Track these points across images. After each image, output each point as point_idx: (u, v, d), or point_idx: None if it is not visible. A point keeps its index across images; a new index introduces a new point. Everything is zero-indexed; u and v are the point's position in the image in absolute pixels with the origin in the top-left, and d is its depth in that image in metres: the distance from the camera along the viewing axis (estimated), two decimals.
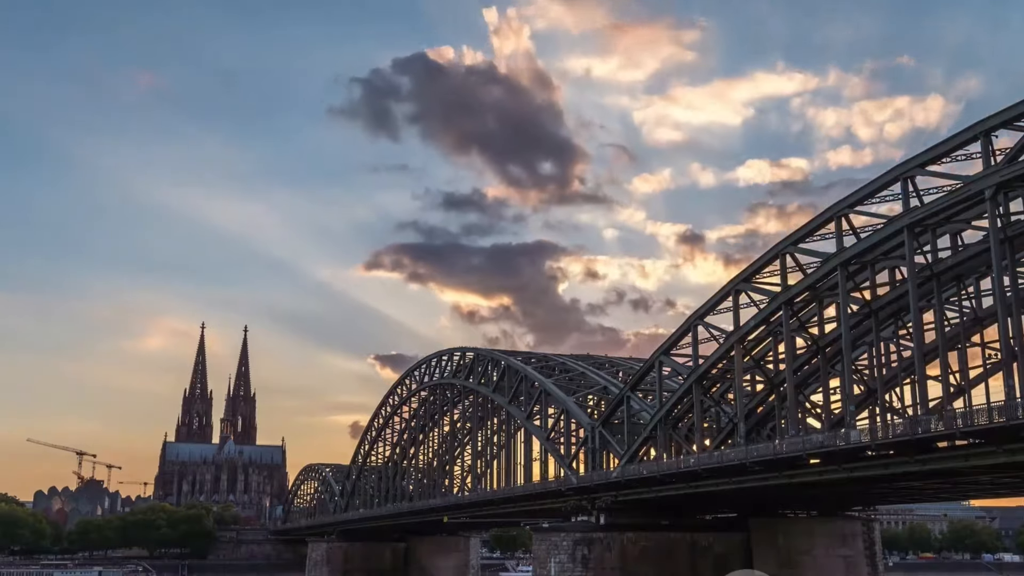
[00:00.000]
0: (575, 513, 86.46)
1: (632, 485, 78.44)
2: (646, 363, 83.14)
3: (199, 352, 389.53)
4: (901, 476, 59.79)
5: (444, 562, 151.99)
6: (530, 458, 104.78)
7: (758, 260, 67.86)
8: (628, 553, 79.87)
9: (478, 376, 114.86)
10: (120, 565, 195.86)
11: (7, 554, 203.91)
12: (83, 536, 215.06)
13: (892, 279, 62.37)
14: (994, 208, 49.86)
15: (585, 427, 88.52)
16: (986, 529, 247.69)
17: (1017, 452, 48.71)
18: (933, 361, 58.61)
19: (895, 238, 56.94)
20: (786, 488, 68.23)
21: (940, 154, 54.48)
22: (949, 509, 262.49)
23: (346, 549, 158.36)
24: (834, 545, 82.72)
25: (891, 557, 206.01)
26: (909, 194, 55.99)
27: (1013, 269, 51.96)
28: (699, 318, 74.58)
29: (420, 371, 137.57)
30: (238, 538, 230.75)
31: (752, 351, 70.17)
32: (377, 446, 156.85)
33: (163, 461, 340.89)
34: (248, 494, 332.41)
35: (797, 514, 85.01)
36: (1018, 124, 50.15)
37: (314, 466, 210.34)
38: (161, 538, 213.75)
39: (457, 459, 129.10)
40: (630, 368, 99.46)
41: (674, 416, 77.37)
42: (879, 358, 64.21)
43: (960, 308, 61.70)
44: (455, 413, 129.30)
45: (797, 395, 65.89)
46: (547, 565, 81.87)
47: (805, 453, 60.12)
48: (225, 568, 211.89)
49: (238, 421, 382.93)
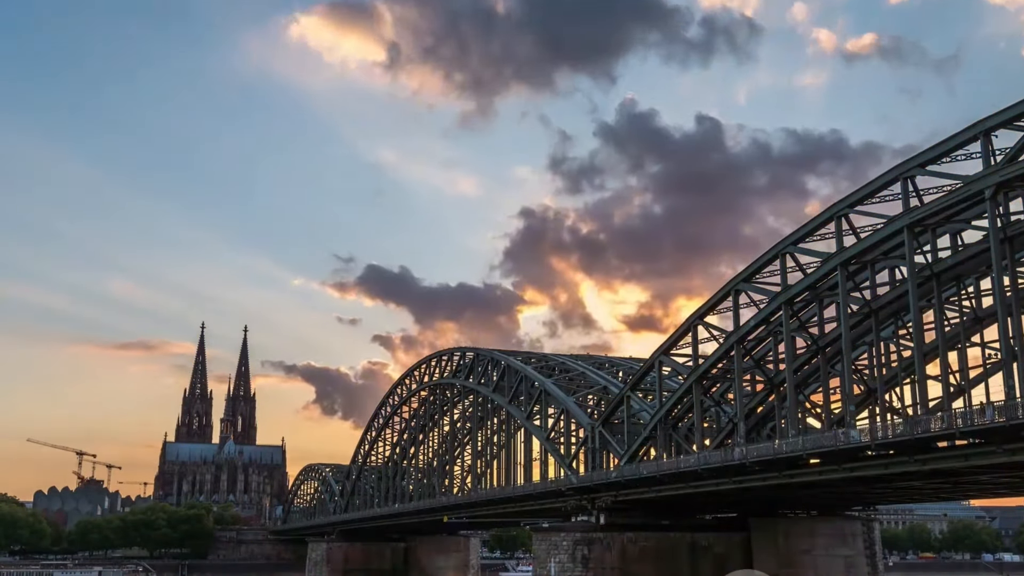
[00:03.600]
0: (575, 513, 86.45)
1: (632, 485, 78.42)
2: (646, 363, 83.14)
3: (199, 352, 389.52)
4: (901, 476, 59.79)
5: (444, 562, 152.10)
6: (530, 458, 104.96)
7: (758, 260, 67.83)
8: (628, 553, 79.92)
9: (478, 376, 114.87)
10: (120, 565, 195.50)
11: (7, 554, 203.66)
12: (83, 536, 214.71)
13: (892, 279, 62.35)
14: (994, 208, 49.90)
15: (585, 427, 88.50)
16: (986, 529, 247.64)
17: (1017, 452, 48.72)
18: (933, 361, 58.64)
19: (895, 238, 56.99)
20: (786, 488, 68.23)
21: (940, 154, 54.47)
22: (949, 509, 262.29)
23: (346, 549, 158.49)
24: (834, 545, 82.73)
25: (891, 557, 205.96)
26: (909, 194, 56.04)
27: (1013, 269, 51.98)
28: (699, 318, 74.60)
29: (420, 371, 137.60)
30: (238, 538, 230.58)
31: (752, 351, 70.14)
32: (377, 446, 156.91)
33: (163, 461, 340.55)
34: (248, 494, 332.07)
35: (797, 514, 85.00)
36: (1018, 124, 50.17)
37: (314, 466, 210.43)
38: (161, 538, 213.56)
39: (457, 459, 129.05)
40: (630, 368, 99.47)
41: (674, 416, 77.39)
42: (879, 358, 64.20)
43: (960, 308, 61.63)
44: (455, 413, 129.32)
45: (797, 395, 65.87)
46: (547, 565, 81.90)
47: (805, 453, 60.14)
48: (225, 568, 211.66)
49: (238, 421, 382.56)
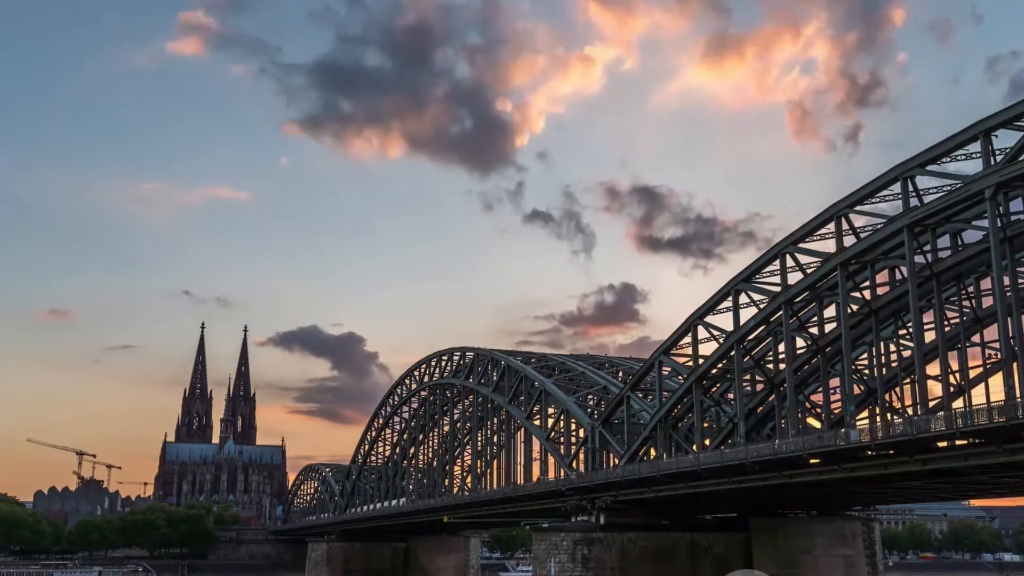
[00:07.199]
0: (575, 513, 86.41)
1: (632, 485, 78.40)
2: (646, 363, 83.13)
3: (199, 352, 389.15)
4: (901, 476, 59.78)
5: (444, 562, 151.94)
6: (530, 458, 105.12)
7: (758, 260, 67.82)
8: (628, 553, 79.90)
9: (478, 376, 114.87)
10: (120, 565, 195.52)
11: (7, 554, 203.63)
12: (83, 536, 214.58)
13: (892, 279, 62.32)
14: (994, 208, 49.89)
15: (585, 427, 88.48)
16: (986, 529, 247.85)
17: (1017, 452, 48.72)
18: (933, 361, 58.61)
19: (895, 238, 56.98)
20: (786, 488, 68.21)
21: (940, 154, 54.43)
22: (949, 509, 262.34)
23: (346, 549, 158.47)
24: (834, 545, 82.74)
25: (891, 557, 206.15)
26: (909, 194, 56.02)
27: (1013, 269, 51.95)
28: (699, 318, 74.52)
29: (420, 371, 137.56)
30: (238, 538, 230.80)
31: (752, 351, 70.10)
32: (377, 446, 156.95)
33: (163, 461, 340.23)
34: (248, 494, 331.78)
35: (797, 514, 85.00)
36: (1018, 124, 50.16)
37: (314, 466, 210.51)
38: (161, 538, 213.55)
39: (457, 459, 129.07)
40: (630, 368, 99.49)
41: (674, 416, 77.37)
42: (879, 358, 64.12)
43: (960, 308, 61.64)
44: (455, 413, 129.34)
45: (797, 395, 65.85)
46: (547, 565, 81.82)
47: (805, 453, 60.10)
48: (225, 568, 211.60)
49: (238, 421, 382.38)
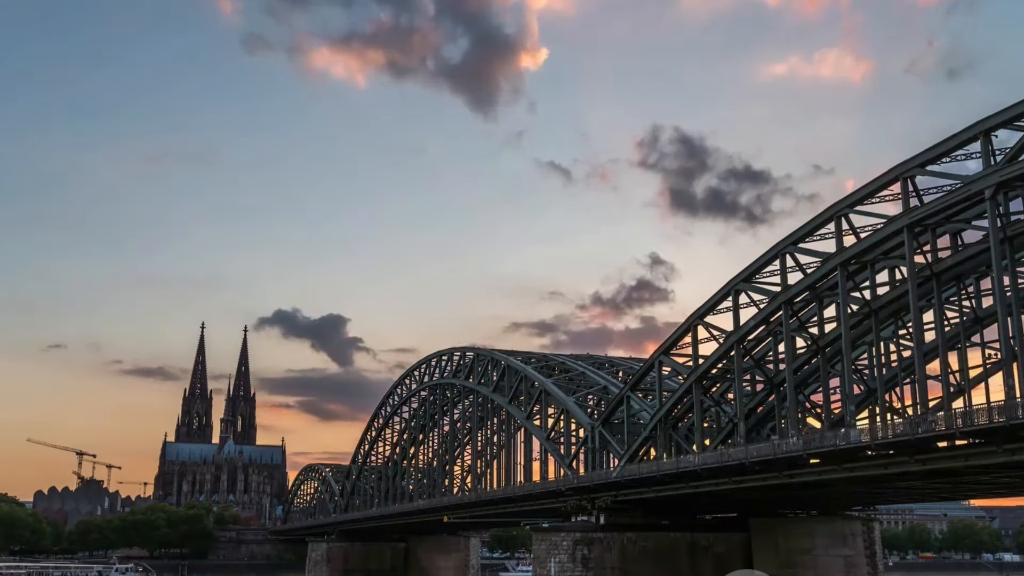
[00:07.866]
0: (575, 513, 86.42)
1: (632, 485, 78.41)
2: (646, 363, 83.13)
3: (199, 352, 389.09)
4: (901, 476, 59.78)
5: (444, 562, 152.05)
6: (530, 458, 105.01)
7: (758, 260, 67.77)
8: (628, 553, 79.90)
9: (478, 376, 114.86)
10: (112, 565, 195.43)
11: (7, 554, 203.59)
12: (83, 536, 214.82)
13: (892, 279, 62.30)
14: (994, 208, 49.87)
15: (585, 427, 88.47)
16: (986, 529, 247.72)
17: (1017, 452, 48.70)
18: (933, 361, 58.60)
19: (895, 238, 56.96)
20: (786, 488, 68.20)
21: (940, 154, 54.41)
22: (949, 509, 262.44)
23: (346, 549, 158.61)
24: (834, 545, 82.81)
25: (891, 557, 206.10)
26: (909, 194, 56.00)
27: (1013, 269, 51.92)
28: (699, 318, 74.51)
29: (420, 371, 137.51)
30: (238, 538, 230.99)
31: (752, 351, 70.09)
32: (377, 446, 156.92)
33: (163, 461, 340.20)
34: (248, 494, 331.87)
35: (797, 514, 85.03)
36: (1018, 124, 50.15)
37: (314, 466, 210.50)
38: (161, 538, 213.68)
39: (457, 459, 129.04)
40: (630, 368, 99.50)
41: (674, 416, 77.35)
42: (879, 358, 64.14)
43: (960, 308, 61.62)
44: (455, 413, 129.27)
45: (797, 395, 65.83)
46: (547, 565, 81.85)
47: (805, 453, 60.10)
48: (225, 568, 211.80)
49: (238, 421, 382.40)
